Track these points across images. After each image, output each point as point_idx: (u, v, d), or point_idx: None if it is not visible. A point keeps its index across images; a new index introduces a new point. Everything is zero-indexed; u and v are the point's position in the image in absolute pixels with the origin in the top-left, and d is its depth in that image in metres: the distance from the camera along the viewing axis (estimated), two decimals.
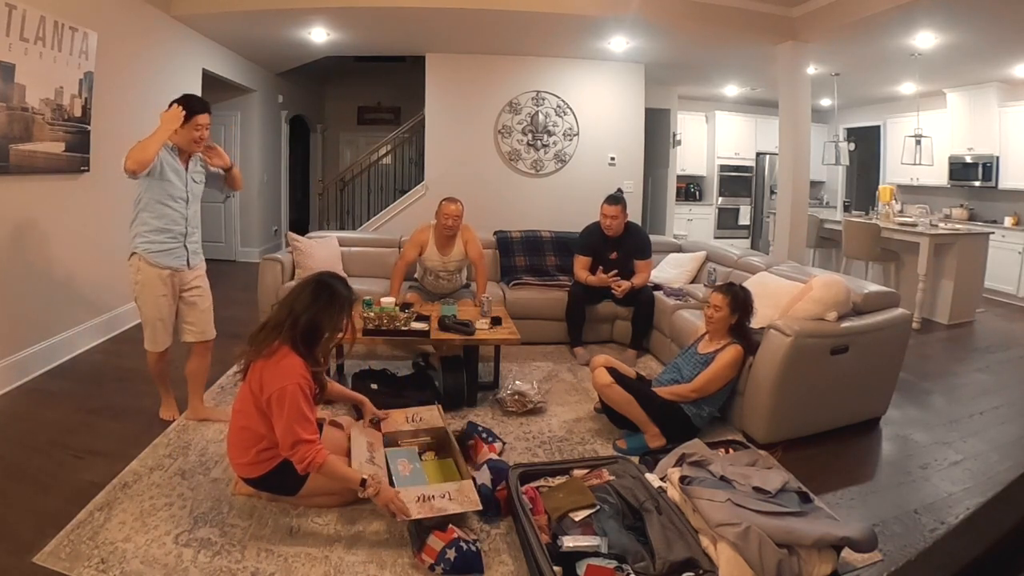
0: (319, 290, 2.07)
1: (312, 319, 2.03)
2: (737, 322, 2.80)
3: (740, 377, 2.82)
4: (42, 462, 2.42)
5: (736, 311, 2.78)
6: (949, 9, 4.13)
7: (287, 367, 1.95)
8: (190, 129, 2.53)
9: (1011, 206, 6.32)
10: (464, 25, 5.26)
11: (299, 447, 1.91)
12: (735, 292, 2.82)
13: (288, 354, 1.98)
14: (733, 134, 8.73)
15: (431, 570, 1.84)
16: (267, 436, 2.01)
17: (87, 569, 1.79)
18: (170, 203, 2.58)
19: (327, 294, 2.08)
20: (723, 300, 2.79)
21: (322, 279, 2.12)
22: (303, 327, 2.01)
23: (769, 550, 1.74)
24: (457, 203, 3.82)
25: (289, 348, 1.99)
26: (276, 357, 1.97)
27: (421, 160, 6.80)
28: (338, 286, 2.12)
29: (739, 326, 2.81)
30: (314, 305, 2.04)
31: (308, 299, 2.05)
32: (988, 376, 3.93)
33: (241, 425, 2.06)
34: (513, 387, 3.08)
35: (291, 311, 2.04)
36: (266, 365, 1.97)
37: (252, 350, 2.03)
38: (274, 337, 2.00)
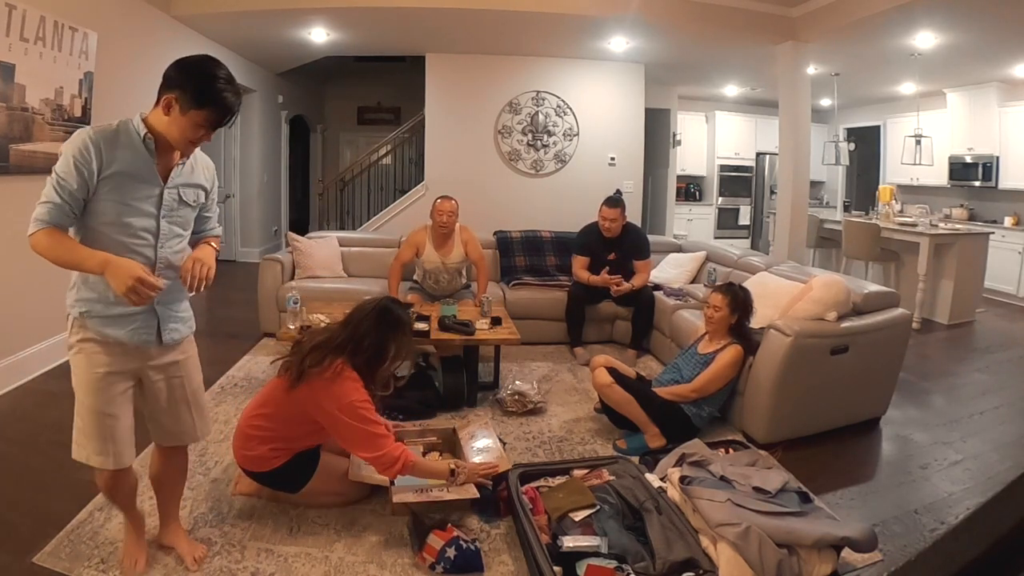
0: (384, 315, 2.11)
1: (377, 342, 2.06)
2: (737, 322, 2.80)
3: (740, 377, 2.82)
4: (42, 462, 2.42)
5: (736, 311, 2.78)
6: (949, 9, 4.13)
7: (348, 386, 1.98)
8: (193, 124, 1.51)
9: (1011, 206, 6.32)
10: (464, 25, 5.26)
11: (384, 451, 1.96)
12: (735, 292, 2.82)
13: (346, 370, 2.00)
14: (733, 134, 8.72)
15: (431, 569, 1.84)
16: (285, 437, 2.03)
17: (87, 569, 1.79)
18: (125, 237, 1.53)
19: (392, 320, 2.11)
20: (722, 300, 2.79)
21: (386, 305, 2.16)
22: (368, 349, 2.05)
23: (769, 550, 1.74)
24: (451, 200, 3.85)
25: (346, 365, 2.01)
26: (331, 373, 1.98)
27: (421, 160, 6.80)
28: (401, 313, 2.17)
29: (739, 326, 2.81)
30: (379, 329, 2.08)
31: (373, 323, 2.08)
32: (988, 376, 3.93)
33: (260, 423, 2.06)
34: (513, 387, 3.08)
35: (353, 333, 2.07)
36: (322, 380, 1.98)
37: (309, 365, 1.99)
38: (336, 356, 2.01)
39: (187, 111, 1.49)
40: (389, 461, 1.96)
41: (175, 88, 1.49)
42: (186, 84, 1.48)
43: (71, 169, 1.46)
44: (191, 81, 1.49)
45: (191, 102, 1.48)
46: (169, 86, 1.50)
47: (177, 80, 1.49)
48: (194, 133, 1.53)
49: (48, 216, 1.46)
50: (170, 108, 1.49)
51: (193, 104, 1.48)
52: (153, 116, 1.54)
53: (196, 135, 1.54)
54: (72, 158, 1.46)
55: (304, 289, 3.77)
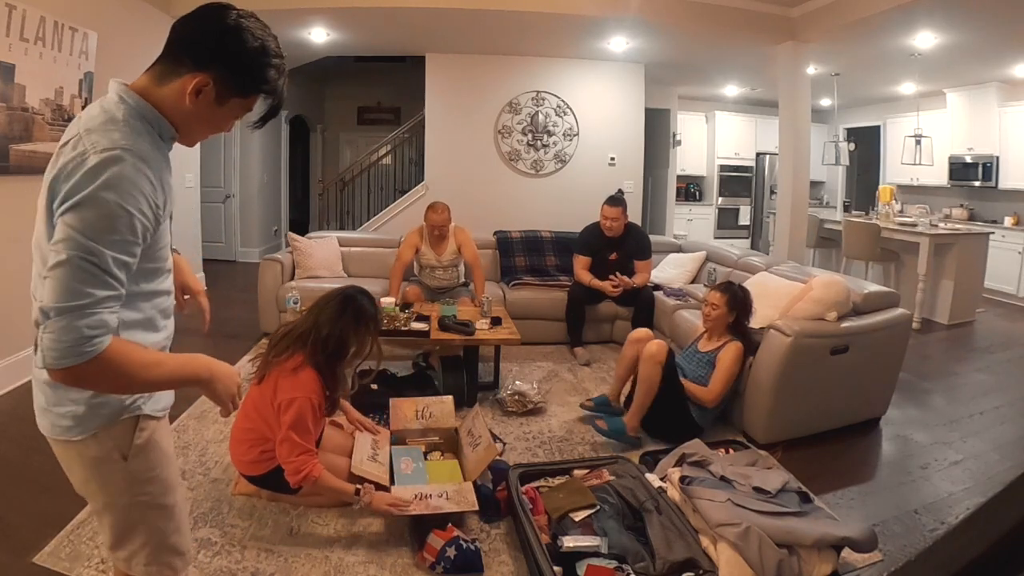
0: (344, 305, 2.02)
1: (336, 335, 1.98)
2: (735, 320, 2.80)
3: (741, 376, 2.82)
4: (42, 462, 2.41)
5: (734, 310, 2.79)
6: (949, 9, 4.13)
7: (303, 380, 1.93)
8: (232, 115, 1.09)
9: (1011, 206, 6.32)
10: (464, 25, 5.26)
11: (296, 459, 1.89)
12: (733, 291, 2.82)
13: (304, 366, 1.95)
14: (733, 134, 8.72)
15: (432, 569, 1.84)
16: (271, 437, 2.02)
17: (87, 569, 1.79)
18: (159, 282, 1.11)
19: (352, 310, 2.02)
20: (720, 299, 2.79)
21: (348, 293, 2.07)
22: (325, 342, 1.97)
23: (769, 550, 1.74)
24: (441, 213, 3.84)
25: (306, 359, 1.96)
26: (291, 365, 1.94)
27: (421, 160, 6.79)
28: (364, 303, 2.06)
29: (738, 324, 2.81)
30: (339, 320, 1.99)
31: (333, 313, 2.00)
32: (988, 376, 3.93)
33: (247, 426, 2.06)
34: (513, 387, 3.08)
35: (315, 324, 2.00)
36: (282, 373, 1.95)
37: (272, 356, 1.99)
38: (297, 348, 1.97)
39: (227, 100, 1.03)
40: (293, 471, 1.89)
41: (213, 65, 0.99)
42: (233, 64, 1.01)
43: (132, 235, 0.93)
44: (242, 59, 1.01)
45: (237, 88, 1.03)
46: (201, 60, 0.99)
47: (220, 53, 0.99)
48: (225, 126, 1.10)
49: (109, 326, 0.91)
50: (201, 92, 1.00)
51: (239, 91, 1.03)
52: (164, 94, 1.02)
53: (226, 127, 1.11)
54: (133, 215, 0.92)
55: (304, 289, 3.77)
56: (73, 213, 0.88)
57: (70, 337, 0.86)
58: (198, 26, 1.00)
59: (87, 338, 0.87)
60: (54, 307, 0.87)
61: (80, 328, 0.87)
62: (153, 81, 1.03)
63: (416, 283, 4.03)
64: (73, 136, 0.95)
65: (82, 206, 0.88)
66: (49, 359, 0.87)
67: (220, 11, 1.00)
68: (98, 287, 0.89)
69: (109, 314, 0.91)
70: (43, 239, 0.95)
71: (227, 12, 1.01)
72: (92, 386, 0.97)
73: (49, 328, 0.87)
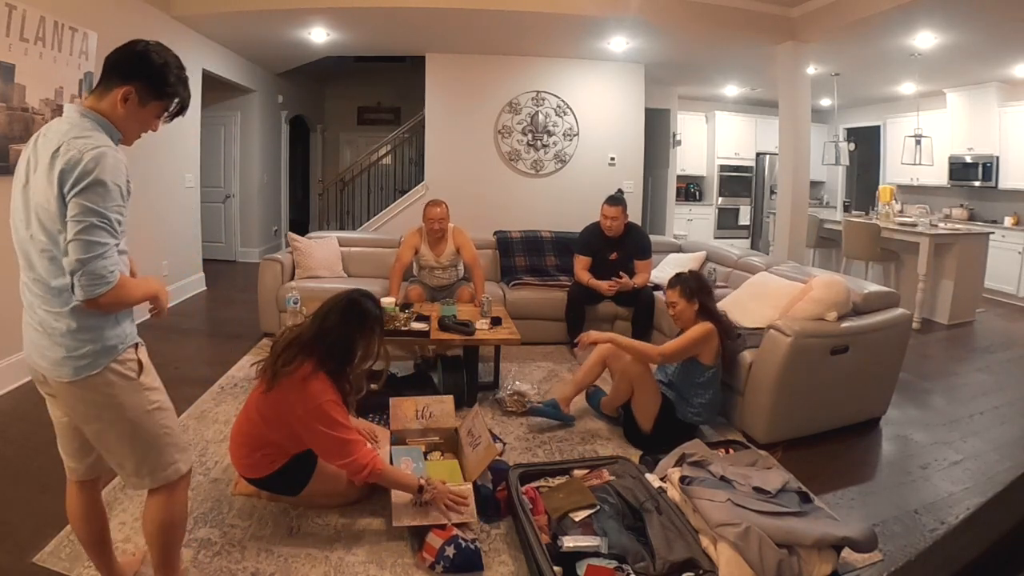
0: (349, 309, 2.01)
1: (342, 340, 1.98)
2: (701, 306, 2.73)
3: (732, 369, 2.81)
4: (42, 462, 2.42)
5: (693, 297, 2.72)
6: (949, 9, 4.13)
7: (317, 389, 1.90)
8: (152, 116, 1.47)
9: (1011, 206, 6.32)
10: (464, 25, 5.26)
11: (354, 457, 1.89)
12: (683, 281, 2.77)
13: (315, 373, 1.93)
14: (733, 134, 8.72)
15: (431, 568, 1.84)
16: (274, 442, 2.01)
17: (87, 569, 1.79)
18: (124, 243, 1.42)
19: (357, 314, 2.01)
20: (675, 294, 2.75)
21: (352, 297, 2.05)
22: (332, 348, 1.96)
23: (769, 550, 1.74)
24: (440, 205, 3.88)
25: (315, 367, 1.94)
26: (301, 375, 1.91)
27: (421, 160, 6.80)
28: (368, 305, 2.06)
29: (704, 310, 2.73)
30: (345, 326, 1.98)
31: (338, 319, 1.99)
32: (988, 376, 3.93)
33: (249, 430, 2.05)
34: (513, 387, 3.09)
35: (321, 330, 1.98)
36: (292, 383, 1.92)
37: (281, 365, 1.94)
38: (305, 356, 1.94)
39: (147, 103, 1.42)
40: (357, 468, 1.89)
41: (133, 78, 1.39)
42: (145, 75, 1.39)
43: (120, 200, 1.33)
44: (151, 72, 1.40)
45: (152, 94, 1.41)
46: (124, 76, 1.38)
47: (137, 70, 1.39)
48: (151, 125, 1.48)
49: (117, 262, 1.33)
50: (127, 100, 1.38)
51: (153, 96, 1.42)
52: (104, 105, 1.39)
53: (152, 127, 1.48)
54: (120, 189, 1.33)
55: (304, 289, 3.77)
56: (84, 193, 1.27)
57: (99, 274, 1.28)
58: (120, 54, 1.41)
59: (109, 271, 1.30)
60: (85, 257, 1.27)
61: (105, 266, 1.29)
62: (96, 100, 1.41)
63: (417, 283, 4.04)
64: (60, 144, 1.30)
65: (90, 187, 1.27)
66: (88, 293, 1.28)
67: (134, 43, 1.43)
68: (108, 238, 1.31)
69: (116, 254, 1.33)
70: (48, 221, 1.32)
71: (138, 43, 1.43)
72: (110, 307, 1.36)
73: (84, 272, 1.27)
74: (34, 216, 1.33)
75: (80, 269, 1.26)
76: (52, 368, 1.40)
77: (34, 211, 1.33)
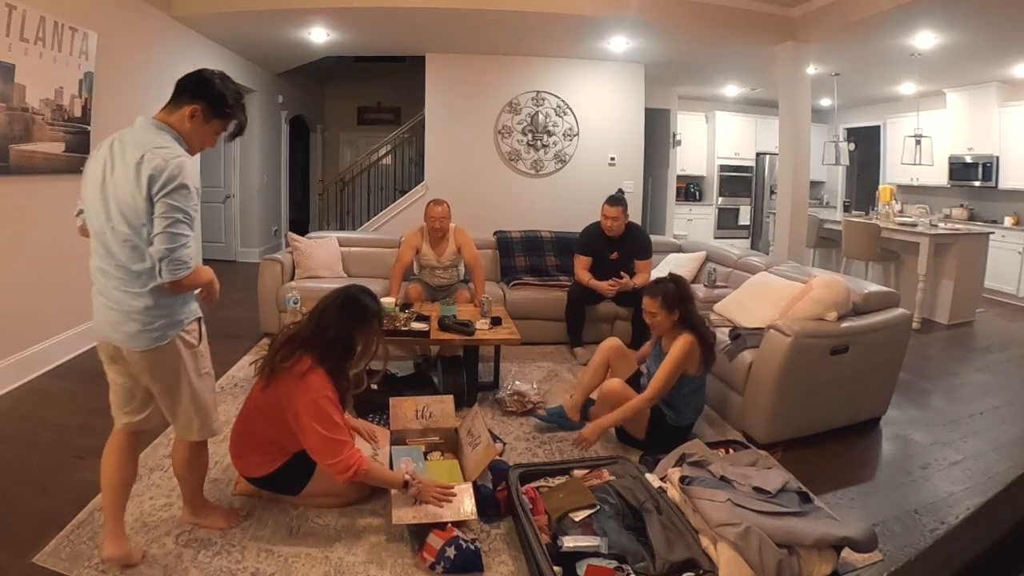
0: (348, 306, 2.02)
1: (342, 336, 1.98)
2: (681, 317, 2.61)
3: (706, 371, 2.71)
4: (42, 462, 2.42)
5: (673, 308, 2.60)
6: (949, 9, 4.13)
7: (314, 384, 1.91)
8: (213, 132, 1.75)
9: (1011, 206, 6.32)
10: (464, 25, 5.26)
11: (341, 457, 1.89)
12: (664, 291, 2.63)
13: (313, 369, 1.93)
14: (733, 134, 8.72)
15: (431, 569, 1.84)
16: (274, 441, 2.01)
17: (87, 569, 1.79)
18: None
19: (356, 310, 2.01)
20: (654, 304, 2.62)
21: (350, 293, 2.06)
22: (333, 345, 1.97)
23: (769, 550, 1.73)
24: (442, 205, 3.88)
25: (314, 362, 1.94)
26: (299, 371, 1.92)
27: (421, 160, 6.80)
28: (367, 301, 2.06)
29: (685, 319, 2.61)
30: (344, 322, 1.99)
31: (337, 315, 1.99)
32: (988, 376, 3.93)
33: (249, 429, 2.06)
34: (513, 387, 3.08)
35: (319, 326, 1.99)
36: (290, 379, 1.92)
37: (279, 362, 1.95)
38: (303, 352, 1.95)
39: (210, 120, 1.70)
40: (343, 468, 1.89)
41: (199, 99, 1.67)
42: (208, 97, 1.68)
43: (196, 200, 1.63)
44: (213, 94, 1.69)
45: (214, 113, 1.70)
46: (192, 96, 1.67)
47: (202, 92, 1.68)
48: (211, 140, 1.76)
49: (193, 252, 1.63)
50: (194, 116, 1.67)
51: (215, 115, 1.71)
52: (174, 120, 1.67)
53: (212, 142, 1.77)
54: (195, 190, 1.62)
55: (304, 289, 3.77)
56: (171, 195, 1.55)
57: (182, 260, 1.57)
58: (190, 78, 1.70)
59: (190, 258, 1.59)
60: (172, 247, 1.55)
61: (188, 254, 1.58)
62: (167, 115, 1.68)
63: (417, 281, 4.04)
64: (143, 152, 1.56)
65: (175, 190, 1.55)
66: (173, 275, 1.56)
67: (202, 70, 1.73)
68: (188, 231, 1.59)
69: (192, 244, 1.61)
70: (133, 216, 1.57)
71: (205, 70, 1.73)
72: (188, 288, 1.66)
73: (171, 259, 1.55)
74: (115, 211, 1.58)
75: (168, 256, 1.54)
76: (127, 340, 1.66)
77: (116, 206, 1.58)
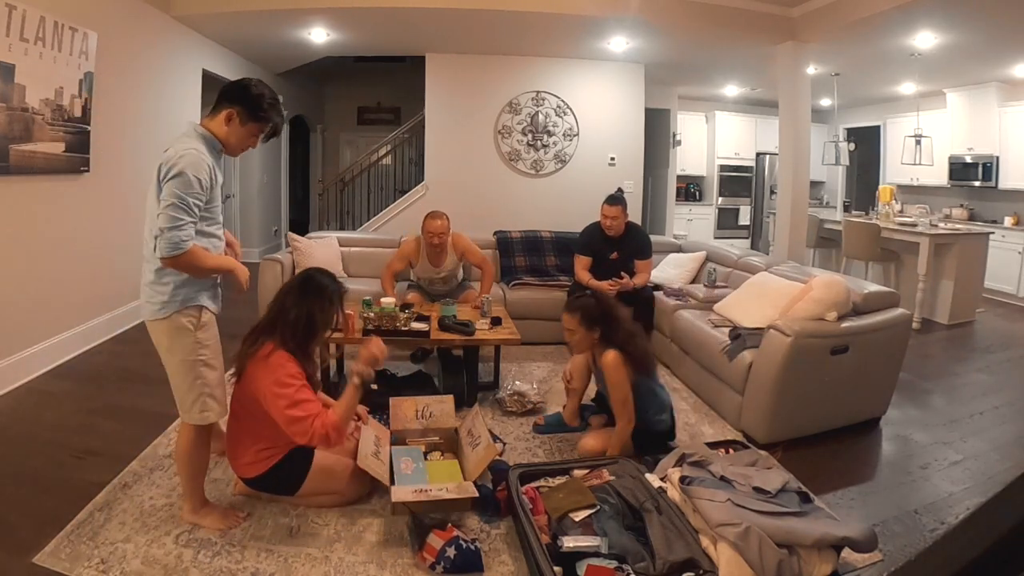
0: (305, 285, 2.08)
1: (303, 315, 2.03)
2: (602, 335, 2.52)
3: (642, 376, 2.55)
4: (42, 462, 2.42)
5: (593, 325, 2.51)
6: (949, 9, 4.13)
7: (276, 362, 1.96)
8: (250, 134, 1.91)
9: (1011, 206, 6.32)
10: (464, 25, 5.26)
11: (311, 428, 1.91)
12: (582, 306, 2.55)
13: (275, 350, 1.98)
14: (733, 134, 8.72)
15: (431, 569, 1.84)
16: (265, 436, 2.02)
17: (87, 569, 1.79)
18: (214, 231, 1.93)
19: (314, 288, 2.08)
20: (572, 320, 2.55)
21: (308, 274, 2.13)
22: (294, 323, 2.01)
23: (769, 550, 1.73)
24: (441, 219, 3.66)
25: (276, 345, 1.99)
26: (262, 354, 1.98)
27: (421, 160, 6.79)
28: (324, 279, 2.12)
29: (606, 336, 2.51)
30: (303, 301, 2.04)
31: (296, 296, 2.05)
32: (988, 376, 3.93)
33: (239, 426, 2.07)
34: (513, 387, 3.09)
35: (281, 310, 2.04)
36: (255, 363, 1.98)
37: (245, 352, 2.02)
38: (267, 336, 2.01)
39: (246, 123, 1.88)
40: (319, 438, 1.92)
41: (236, 103, 1.85)
42: (244, 101, 1.84)
43: (197, 190, 1.76)
44: (249, 99, 1.85)
45: (250, 116, 1.87)
46: (230, 101, 1.85)
47: (239, 97, 1.85)
48: (251, 142, 1.94)
49: (192, 234, 1.77)
50: (231, 120, 1.86)
51: (251, 118, 1.87)
52: (213, 124, 1.87)
53: (252, 143, 1.94)
54: (199, 181, 1.76)
55: None
56: (172, 182, 1.73)
57: (173, 241, 1.71)
58: (230, 85, 1.90)
59: (182, 240, 1.72)
60: (166, 227, 1.71)
61: (179, 235, 1.72)
62: (208, 120, 1.89)
63: (416, 288, 3.93)
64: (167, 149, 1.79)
65: (174, 178, 1.73)
66: (162, 252, 1.72)
67: (241, 79, 1.92)
68: (184, 215, 1.73)
69: (191, 229, 1.75)
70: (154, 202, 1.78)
71: (244, 78, 1.92)
72: (184, 268, 1.79)
73: (163, 238, 1.71)
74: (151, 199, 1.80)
75: (161, 235, 1.72)
76: (141, 309, 1.90)
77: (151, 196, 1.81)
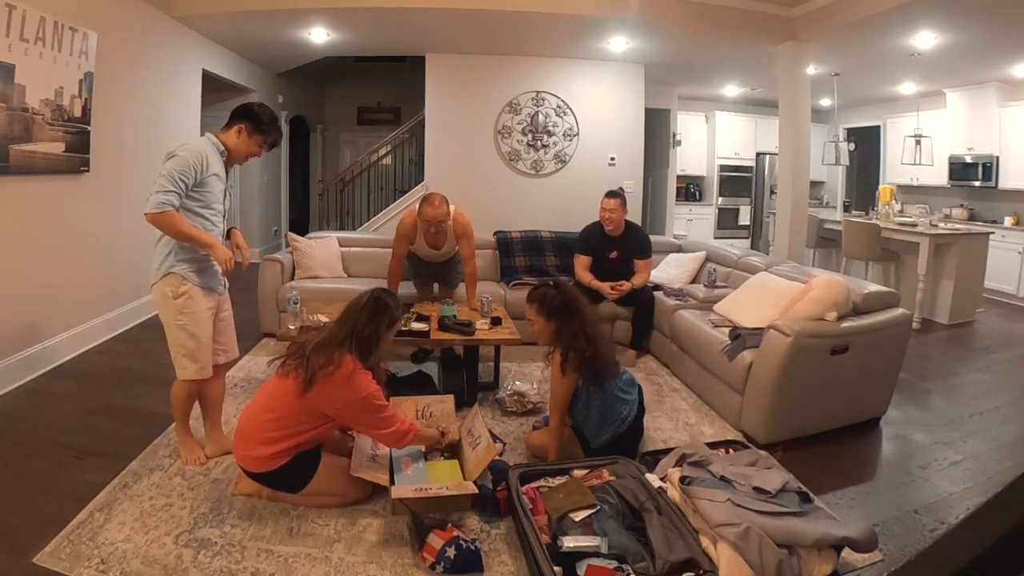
0: (377, 305, 2.22)
1: (374, 335, 2.17)
2: (557, 329, 2.43)
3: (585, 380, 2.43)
4: (42, 462, 2.42)
5: (552, 317, 2.44)
6: (949, 9, 4.13)
7: (361, 382, 2.07)
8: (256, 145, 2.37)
9: (1011, 206, 6.32)
10: (464, 25, 5.26)
11: (395, 428, 2.14)
12: (540, 296, 2.49)
13: (357, 367, 2.08)
14: (733, 134, 8.72)
15: (431, 569, 1.84)
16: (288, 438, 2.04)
17: (87, 569, 1.79)
18: (208, 215, 2.28)
19: (383, 309, 2.23)
20: (531, 310, 2.51)
21: (376, 296, 2.26)
22: (368, 341, 2.15)
23: (769, 550, 1.73)
24: (438, 206, 3.36)
25: (354, 360, 2.09)
26: (343, 372, 2.04)
27: (421, 160, 6.80)
28: (391, 302, 2.29)
29: (560, 333, 2.42)
30: (373, 320, 2.18)
31: (369, 316, 2.18)
32: (988, 376, 3.93)
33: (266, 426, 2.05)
34: (513, 387, 3.08)
35: (354, 328, 2.15)
36: (334, 379, 2.02)
37: (319, 367, 2.03)
38: (341, 353, 2.07)
39: (252, 136, 2.35)
40: (400, 435, 2.15)
41: (243, 120, 2.33)
42: (249, 119, 2.33)
43: (188, 170, 2.15)
44: (253, 117, 2.33)
45: (254, 131, 2.34)
46: (239, 119, 2.33)
47: (246, 115, 2.33)
48: (256, 151, 2.40)
49: (174, 201, 2.12)
50: (240, 133, 2.33)
51: (255, 132, 2.35)
52: (225, 136, 2.34)
53: (257, 152, 2.40)
54: (191, 162, 2.16)
55: (304, 289, 3.77)
56: (169, 160, 2.16)
57: (153, 201, 2.11)
58: (240, 107, 2.38)
59: (163, 203, 2.10)
60: (153, 190, 2.12)
61: (162, 198, 2.11)
62: (223, 132, 2.36)
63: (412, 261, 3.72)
64: None
65: (173, 157, 2.17)
66: (147, 208, 2.11)
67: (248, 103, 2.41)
68: (171, 185, 2.12)
69: (174, 197, 2.13)
70: None
71: (250, 103, 2.42)
72: (163, 228, 2.17)
73: (149, 198, 2.11)
74: None
75: (151, 196, 2.11)
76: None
77: None
